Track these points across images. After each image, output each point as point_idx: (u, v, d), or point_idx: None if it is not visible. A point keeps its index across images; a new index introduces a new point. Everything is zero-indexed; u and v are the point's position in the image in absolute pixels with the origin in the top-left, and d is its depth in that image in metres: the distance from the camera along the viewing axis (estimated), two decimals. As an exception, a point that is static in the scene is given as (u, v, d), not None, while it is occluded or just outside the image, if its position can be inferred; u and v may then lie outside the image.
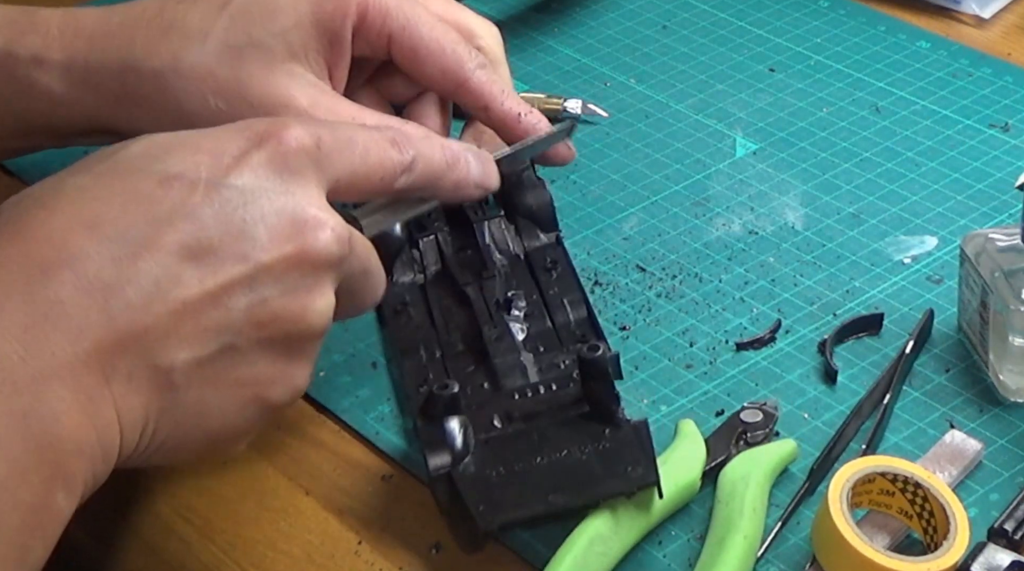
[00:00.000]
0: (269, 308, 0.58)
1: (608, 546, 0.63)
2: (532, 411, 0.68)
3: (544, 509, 0.63)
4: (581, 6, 1.03)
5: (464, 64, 0.75)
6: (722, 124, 0.92)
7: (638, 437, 0.65)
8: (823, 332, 0.75)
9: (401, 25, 0.74)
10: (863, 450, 0.68)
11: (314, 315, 0.60)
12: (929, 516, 0.63)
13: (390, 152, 0.65)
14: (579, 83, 0.96)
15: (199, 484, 0.70)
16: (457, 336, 0.73)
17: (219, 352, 0.57)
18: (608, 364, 0.66)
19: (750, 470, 0.66)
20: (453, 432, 0.65)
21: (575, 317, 0.73)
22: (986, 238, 0.72)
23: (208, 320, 0.57)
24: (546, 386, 0.69)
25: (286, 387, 0.60)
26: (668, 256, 0.81)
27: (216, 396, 0.58)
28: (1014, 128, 0.90)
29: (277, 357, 0.59)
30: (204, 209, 0.57)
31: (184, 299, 0.56)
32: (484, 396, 0.69)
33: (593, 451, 0.64)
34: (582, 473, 0.64)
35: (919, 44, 0.98)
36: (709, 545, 0.64)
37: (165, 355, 0.56)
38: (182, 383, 0.57)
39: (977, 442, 0.68)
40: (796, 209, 0.84)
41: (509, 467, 0.64)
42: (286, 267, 0.58)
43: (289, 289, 0.59)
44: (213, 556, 0.67)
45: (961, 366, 0.74)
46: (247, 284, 0.57)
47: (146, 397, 0.56)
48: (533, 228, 0.78)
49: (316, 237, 0.59)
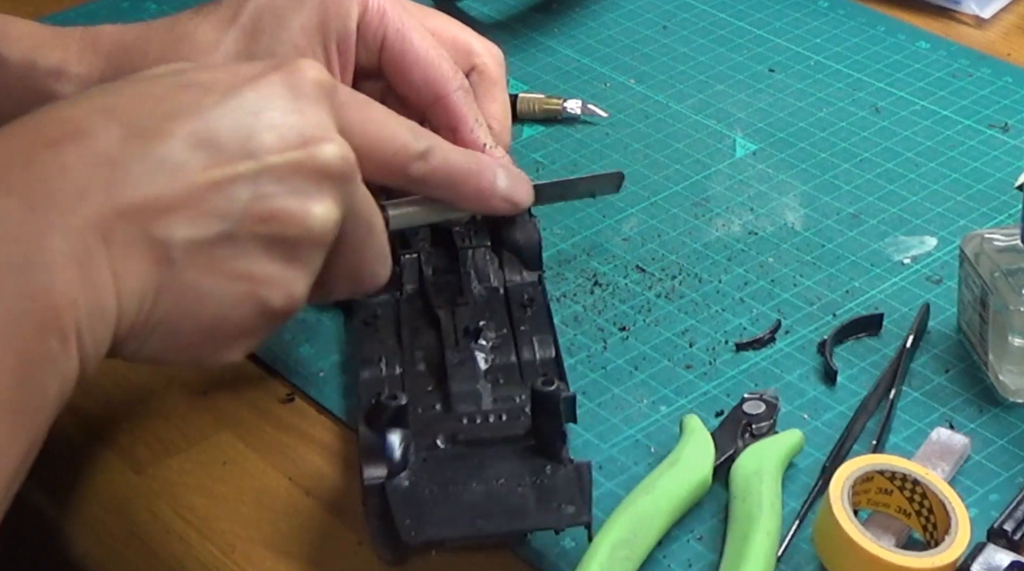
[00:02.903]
0: (270, 204, 0.59)
1: (631, 550, 0.63)
2: (478, 437, 0.67)
3: (469, 532, 0.62)
4: (581, 6, 1.03)
5: (448, 80, 0.76)
6: (722, 124, 0.92)
7: (579, 478, 0.64)
8: (823, 332, 0.75)
9: (396, 28, 0.76)
10: (873, 446, 0.68)
11: (314, 220, 0.60)
12: (928, 513, 0.63)
13: (405, 134, 0.66)
14: (579, 83, 0.96)
15: (199, 484, 0.70)
16: (420, 356, 0.72)
17: (218, 238, 0.58)
18: (560, 401, 0.65)
19: (762, 464, 0.66)
20: (393, 444, 0.65)
21: (541, 356, 0.72)
22: (985, 238, 0.72)
23: (209, 204, 0.58)
24: (496, 416, 0.68)
25: (283, 291, 0.61)
26: (668, 257, 0.81)
27: (213, 284, 0.59)
28: (1013, 128, 0.90)
29: (275, 257, 0.60)
30: (216, 109, 0.59)
31: (188, 181, 0.58)
32: (434, 416, 0.68)
33: (531, 484, 0.64)
34: (514, 503, 0.63)
35: (919, 44, 0.98)
36: (732, 541, 0.63)
37: (164, 229, 0.57)
38: (180, 260, 0.58)
39: (963, 437, 0.68)
40: (796, 210, 0.84)
41: (444, 487, 0.64)
42: (291, 170, 0.60)
43: (292, 191, 0.60)
44: (213, 556, 0.67)
45: (960, 366, 0.74)
46: (252, 178, 0.59)
47: (144, 267, 0.57)
48: (517, 264, 0.77)
49: (323, 148, 0.60)
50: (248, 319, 0.61)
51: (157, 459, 0.72)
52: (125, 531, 0.69)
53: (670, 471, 0.66)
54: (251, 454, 0.71)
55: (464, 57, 0.79)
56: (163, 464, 0.71)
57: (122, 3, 1.07)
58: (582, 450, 0.70)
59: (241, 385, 0.75)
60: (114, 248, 0.56)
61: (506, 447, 0.66)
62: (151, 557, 0.68)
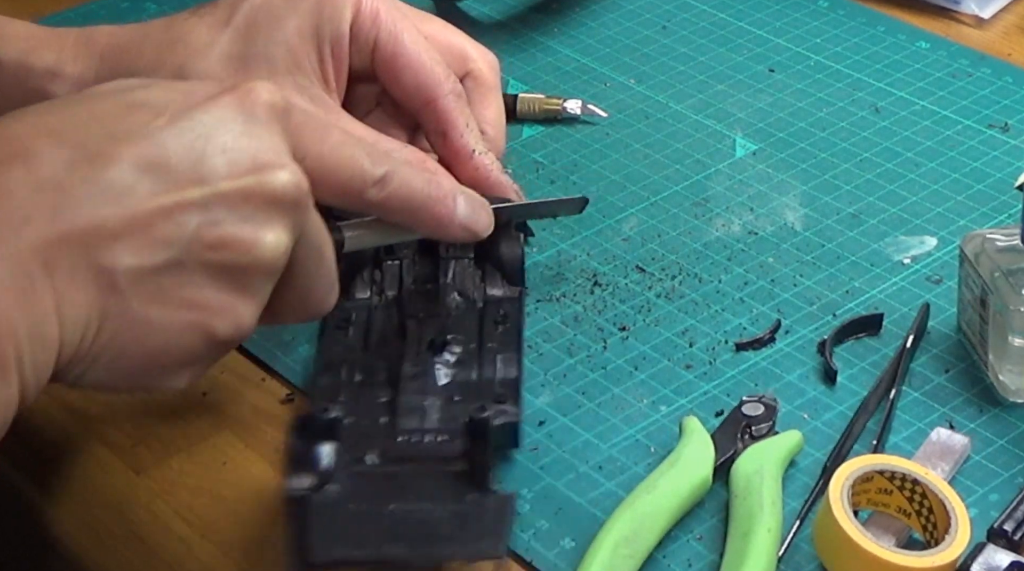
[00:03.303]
0: (220, 232, 0.58)
1: (633, 549, 0.63)
2: (410, 456, 0.66)
3: (376, 556, 0.61)
4: (581, 6, 1.03)
5: (440, 84, 0.76)
6: (722, 124, 0.92)
7: (499, 510, 0.63)
8: (823, 332, 0.75)
9: (389, 31, 0.76)
10: (874, 446, 0.68)
11: (264, 248, 0.59)
12: (928, 513, 0.63)
13: (361, 157, 0.64)
14: (579, 83, 0.96)
15: (199, 484, 0.70)
16: (383, 365, 0.71)
17: (165, 266, 0.57)
18: (490, 429, 0.64)
19: (762, 463, 0.66)
20: (320, 457, 0.64)
21: (502, 376, 0.71)
22: (985, 238, 0.72)
23: (157, 231, 0.57)
24: (435, 435, 0.67)
25: (230, 321, 0.60)
26: (668, 257, 0.81)
27: (159, 312, 0.58)
28: (1013, 128, 0.90)
29: (224, 286, 0.59)
30: (166, 132, 0.58)
31: (135, 208, 0.56)
32: (375, 430, 0.67)
33: (451, 511, 0.63)
34: (429, 529, 0.62)
35: (919, 44, 0.98)
36: (733, 539, 0.64)
37: (110, 257, 0.56)
38: (126, 288, 0.57)
39: (963, 437, 0.68)
40: (796, 209, 0.84)
41: (363, 506, 0.63)
42: (242, 198, 0.59)
43: (242, 218, 0.59)
44: (213, 556, 0.67)
45: (960, 366, 0.74)
46: (201, 205, 0.58)
47: (88, 295, 0.56)
48: (499, 278, 0.77)
49: (275, 175, 0.59)
50: (194, 347, 0.60)
51: (157, 459, 0.72)
52: (125, 531, 0.69)
53: (671, 471, 0.66)
54: (251, 454, 0.71)
55: (459, 62, 0.78)
56: (163, 464, 0.71)
57: (121, 3, 1.07)
58: (582, 450, 0.70)
59: (241, 385, 0.75)
60: (57, 275, 0.55)
61: (438, 469, 0.65)
62: (151, 557, 0.68)
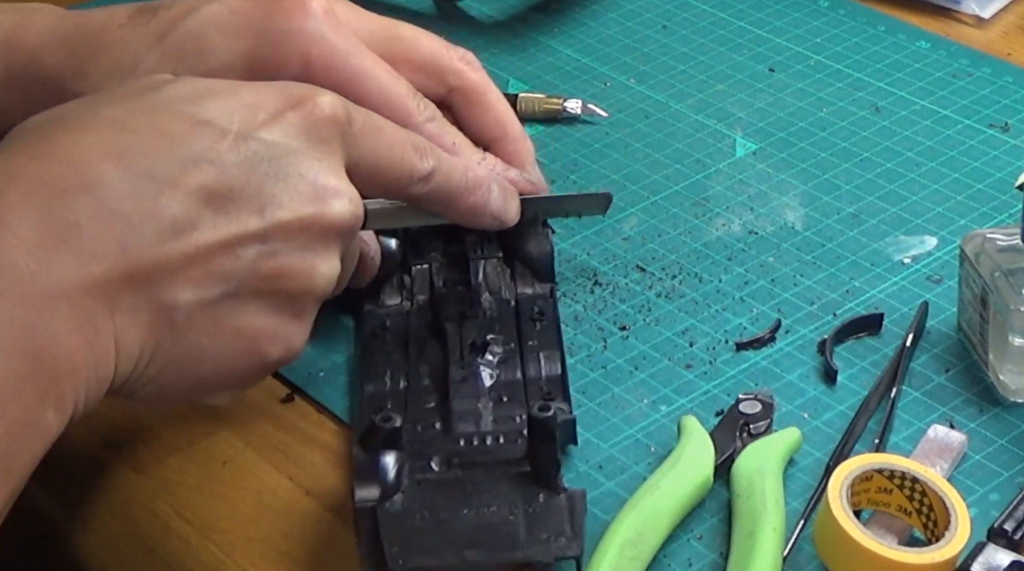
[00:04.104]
0: (277, 263, 0.59)
1: (639, 550, 0.63)
2: (473, 460, 0.66)
3: (457, 562, 0.61)
4: (581, 6, 1.03)
5: (411, 118, 0.72)
6: (722, 124, 0.92)
7: (571, 507, 0.63)
8: (823, 332, 0.75)
9: (345, 79, 0.71)
10: (876, 445, 0.68)
11: (319, 277, 0.61)
12: (928, 511, 0.63)
13: (412, 156, 0.65)
14: (579, 83, 0.96)
15: (199, 484, 0.70)
16: (426, 370, 0.71)
17: (223, 298, 0.58)
18: (556, 427, 0.64)
19: (763, 462, 0.66)
20: (387, 467, 0.64)
21: (547, 373, 0.71)
22: (986, 238, 0.72)
23: (217, 265, 0.57)
24: (495, 438, 0.67)
25: (283, 344, 0.61)
26: (668, 256, 0.81)
27: (214, 341, 0.59)
28: (1014, 128, 0.90)
29: (278, 313, 0.60)
30: (230, 156, 0.58)
31: (197, 242, 0.57)
32: (431, 436, 0.67)
33: (522, 513, 0.63)
34: (504, 533, 0.62)
35: (919, 44, 0.98)
36: (738, 539, 0.63)
37: (170, 293, 0.56)
38: (183, 323, 0.57)
39: (960, 434, 0.68)
40: (796, 209, 0.84)
41: (435, 512, 0.63)
42: (300, 228, 0.59)
43: (299, 248, 0.60)
44: (213, 556, 0.67)
45: (961, 366, 0.74)
46: (260, 237, 0.58)
47: (146, 331, 0.56)
48: (529, 275, 0.77)
49: (333, 205, 0.60)
50: (246, 370, 0.61)
51: (157, 459, 0.72)
52: (125, 531, 0.69)
53: (672, 471, 0.66)
54: (251, 454, 0.71)
55: (436, 79, 0.76)
56: (163, 464, 0.71)
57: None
58: (582, 450, 0.70)
59: (241, 385, 0.75)
60: (119, 313, 0.55)
61: (501, 471, 0.65)
62: (151, 557, 0.68)
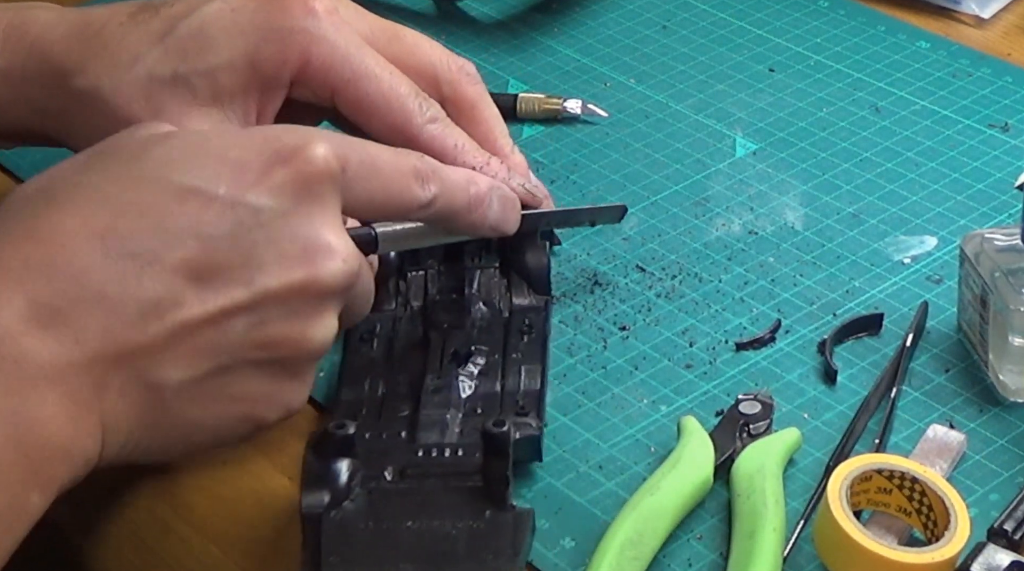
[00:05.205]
0: (268, 331, 0.58)
1: (639, 550, 0.63)
2: (428, 472, 0.65)
3: None
4: (581, 6, 1.03)
5: (412, 119, 0.72)
6: (722, 124, 0.92)
7: (516, 526, 0.62)
8: (823, 332, 0.75)
9: (346, 79, 0.71)
10: (876, 445, 0.68)
11: (313, 341, 0.59)
12: (928, 511, 0.63)
13: (412, 186, 0.64)
14: (579, 83, 0.96)
15: (199, 484, 0.70)
16: (405, 378, 0.71)
17: (213, 371, 0.57)
18: (510, 443, 0.63)
19: (763, 462, 0.66)
20: (337, 474, 0.63)
21: (525, 388, 0.70)
22: (985, 238, 0.72)
23: (205, 341, 0.56)
24: (454, 450, 0.66)
25: (278, 406, 0.60)
26: (668, 256, 0.81)
27: (206, 412, 0.58)
28: (1014, 128, 0.90)
29: (271, 377, 0.59)
30: (215, 227, 0.56)
31: (183, 320, 0.56)
32: (392, 445, 0.67)
33: (466, 528, 0.62)
34: (444, 549, 0.62)
35: (919, 44, 0.98)
36: (738, 539, 0.63)
37: (159, 373, 0.56)
38: (172, 400, 0.57)
39: (959, 433, 0.68)
40: (796, 209, 0.84)
41: (380, 524, 0.62)
42: (291, 294, 0.58)
43: (290, 314, 0.58)
44: (213, 556, 0.67)
45: (961, 366, 0.74)
46: (249, 308, 0.57)
47: (135, 411, 0.56)
48: (525, 287, 0.76)
49: (326, 267, 0.58)
50: (240, 433, 0.61)
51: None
52: (125, 530, 0.69)
53: (673, 471, 0.66)
54: (251, 454, 0.71)
55: (432, 89, 0.75)
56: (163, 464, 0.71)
57: (122, 3, 1.06)
58: (582, 450, 0.70)
59: (241, 385, 0.75)
60: (106, 394, 0.55)
61: (455, 485, 0.64)
62: (151, 557, 0.68)
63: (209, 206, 0.57)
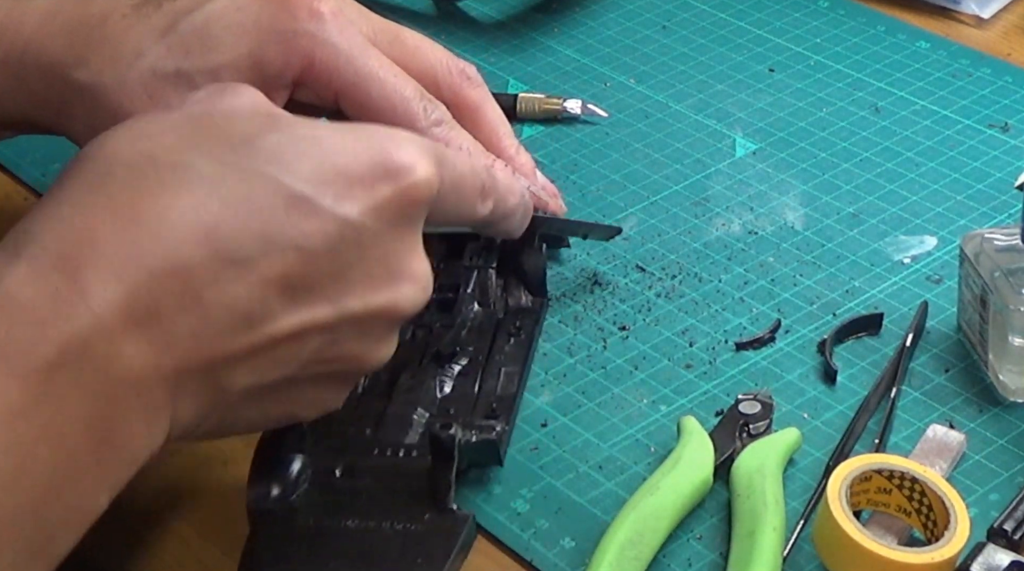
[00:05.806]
0: (339, 350, 0.58)
1: (639, 550, 0.63)
2: (378, 471, 0.65)
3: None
4: (581, 6, 1.03)
5: (417, 122, 0.71)
6: (722, 124, 0.92)
7: (451, 530, 0.62)
8: (823, 332, 0.75)
9: (350, 82, 0.71)
10: (876, 445, 0.68)
11: (375, 360, 0.60)
12: (928, 511, 0.63)
13: (476, 204, 0.64)
14: (579, 83, 0.96)
15: (199, 484, 0.70)
16: (387, 376, 0.70)
17: (279, 381, 0.57)
18: (455, 447, 0.63)
19: (763, 462, 0.66)
20: (286, 469, 0.63)
21: (500, 391, 0.70)
22: (985, 238, 0.72)
23: (280, 353, 0.56)
24: (409, 451, 0.66)
25: (320, 408, 0.61)
26: (668, 256, 0.81)
27: (258, 413, 0.59)
28: (1014, 128, 0.90)
29: (325, 388, 0.60)
30: (316, 241, 0.55)
31: (269, 333, 0.55)
32: (352, 442, 0.67)
33: (403, 531, 0.62)
34: (377, 552, 0.61)
35: (919, 44, 0.98)
36: (738, 539, 0.64)
37: (231, 379, 0.56)
38: (236, 402, 0.57)
39: (959, 433, 0.68)
40: (796, 209, 0.85)
41: (320, 522, 0.62)
42: (369, 316, 0.58)
43: (363, 335, 0.58)
44: (213, 556, 0.67)
45: (960, 366, 0.74)
46: (328, 328, 0.57)
47: (202, 411, 0.56)
48: (522, 289, 0.76)
49: (406, 293, 0.58)
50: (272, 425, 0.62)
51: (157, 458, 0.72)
52: (125, 531, 0.69)
53: (673, 471, 0.66)
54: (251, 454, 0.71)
55: (434, 93, 0.74)
56: (163, 464, 0.71)
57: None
58: (582, 450, 0.70)
59: (241, 385, 0.75)
60: (179, 397, 0.54)
61: (401, 485, 0.64)
62: (151, 557, 0.68)
63: (313, 217, 0.55)
